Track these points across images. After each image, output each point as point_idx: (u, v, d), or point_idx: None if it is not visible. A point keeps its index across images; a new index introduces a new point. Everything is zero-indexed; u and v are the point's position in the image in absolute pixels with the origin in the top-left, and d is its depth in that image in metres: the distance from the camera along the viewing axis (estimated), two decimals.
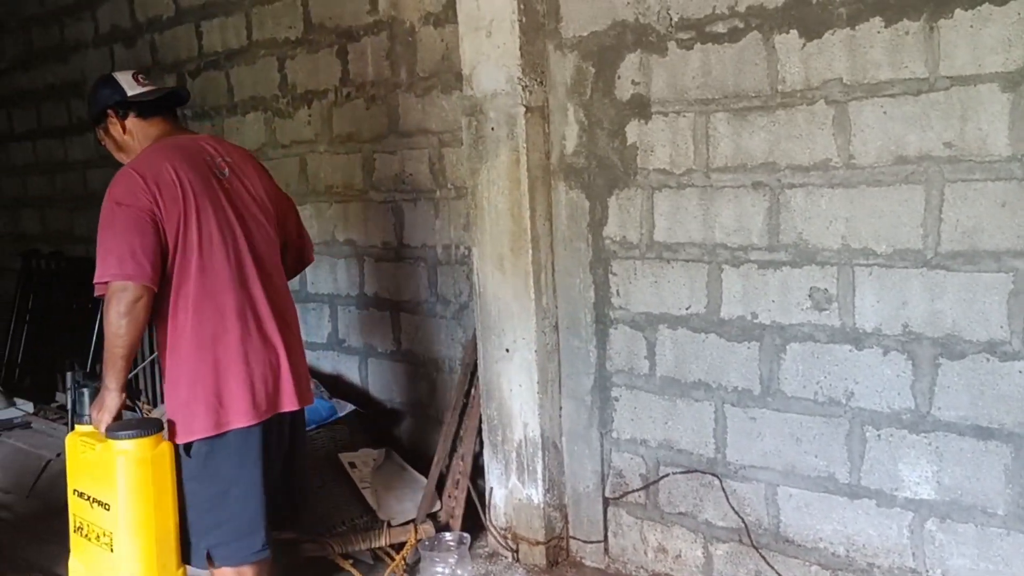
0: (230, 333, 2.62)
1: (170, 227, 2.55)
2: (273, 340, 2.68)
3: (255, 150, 4.59)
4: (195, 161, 2.69)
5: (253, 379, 2.60)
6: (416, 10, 3.77)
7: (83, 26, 5.65)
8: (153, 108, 2.79)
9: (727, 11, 2.86)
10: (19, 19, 6.20)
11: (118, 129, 2.79)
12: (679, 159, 3.05)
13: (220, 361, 2.59)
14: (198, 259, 2.59)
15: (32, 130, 6.35)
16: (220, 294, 2.62)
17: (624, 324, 3.28)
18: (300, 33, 4.27)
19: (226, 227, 2.66)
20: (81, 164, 5.94)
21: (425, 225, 3.91)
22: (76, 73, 5.78)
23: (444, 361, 3.96)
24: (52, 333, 6.09)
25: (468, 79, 3.40)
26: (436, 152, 3.81)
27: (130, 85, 2.79)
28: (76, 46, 5.74)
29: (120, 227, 2.53)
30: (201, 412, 2.55)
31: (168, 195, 2.55)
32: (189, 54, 4.90)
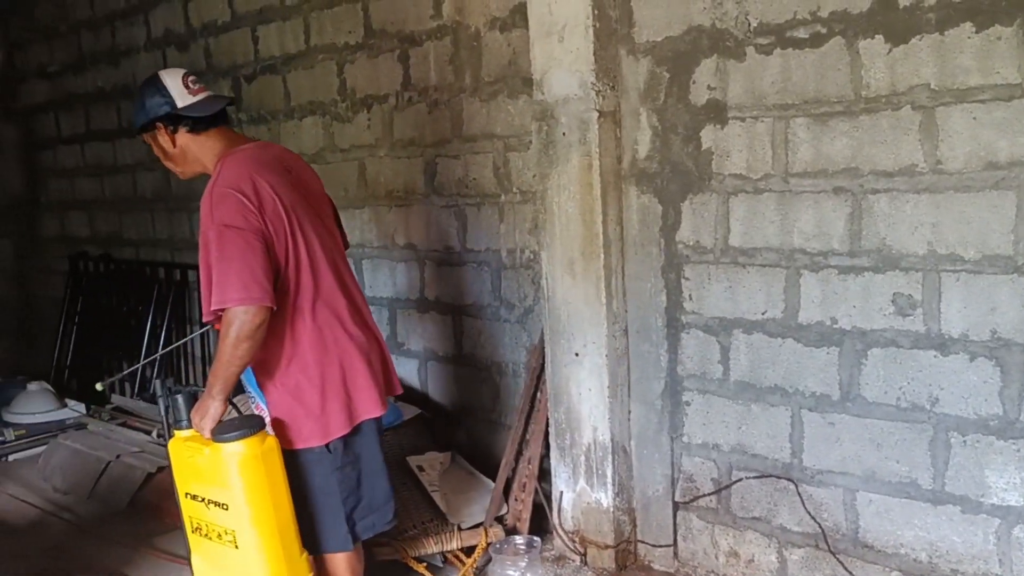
0: (346, 333, 2.72)
1: (279, 242, 2.57)
2: (374, 332, 2.85)
3: (313, 154, 4.64)
4: (278, 170, 2.71)
5: (373, 371, 2.74)
6: (482, 15, 3.78)
7: (135, 30, 5.69)
8: (208, 122, 2.72)
9: (809, 16, 2.86)
10: (69, 23, 6.26)
11: (167, 141, 2.73)
12: (756, 164, 3.05)
13: (344, 360, 2.69)
14: (309, 267, 2.65)
15: (81, 133, 6.40)
16: (331, 297, 2.71)
17: (697, 328, 3.29)
18: (360, 38, 4.29)
19: (319, 232, 2.72)
20: (130, 167, 5.99)
21: (489, 229, 3.92)
22: (127, 77, 5.83)
23: (507, 365, 3.97)
24: (100, 335, 6.15)
25: (539, 84, 3.41)
26: (501, 156, 3.82)
27: (181, 94, 2.69)
28: (127, 50, 5.79)
29: (235, 250, 2.48)
30: (336, 412, 2.66)
31: (271, 211, 2.57)
32: (245, 58, 4.93)
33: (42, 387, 5.67)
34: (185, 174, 2.83)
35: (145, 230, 5.94)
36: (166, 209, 5.74)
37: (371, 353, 2.76)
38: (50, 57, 6.55)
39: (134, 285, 5.92)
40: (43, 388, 5.66)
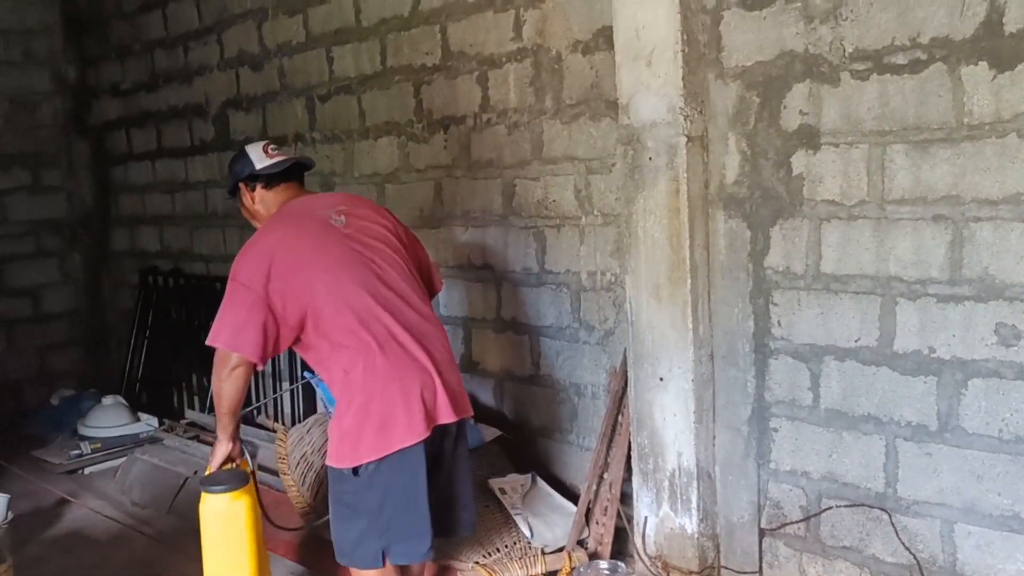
0: (379, 363, 2.82)
1: (293, 296, 2.79)
2: (421, 360, 2.88)
3: (387, 174, 4.69)
4: (309, 219, 2.98)
5: (410, 400, 2.80)
6: (564, 38, 3.79)
7: (208, 50, 5.79)
8: (278, 178, 3.12)
9: (908, 42, 2.83)
10: (143, 42, 6.38)
11: (248, 200, 3.14)
12: (851, 190, 3.02)
13: (376, 390, 2.80)
14: (332, 309, 2.84)
15: (152, 150, 6.52)
16: (360, 331, 2.84)
17: (786, 355, 3.26)
18: (438, 59, 4.32)
19: (353, 269, 2.90)
20: (202, 184, 6.08)
21: (569, 251, 3.93)
22: (199, 95, 5.93)
23: (587, 387, 3.97)
24: (171, 350, 6.25)
25: (624, 108, 3.41)
26: (583, 179, 3.82)
27: (260, 158, 3.11)
28: (200, 69, 5.89)
29: (237, 302, 2.81)
30: (367, 438, 2.79)
31: (286, 266, 2.80)
32: (319, 79, 4.99)
33: (116, 401, 5.78)
34: None
35: (216, 246, 6.03)
36: (237, 226, 5.80)
37: (416, 381, 2.83)
38: (122, 75, 6.68)
39: (205, 300, 6.00)
40: (117, 402, 5.77)
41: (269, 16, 5.25)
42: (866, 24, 2.91)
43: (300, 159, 3.26)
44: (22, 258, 7.00)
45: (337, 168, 4.98)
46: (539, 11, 3.86)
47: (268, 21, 5.27)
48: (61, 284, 7.21)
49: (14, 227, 6.94)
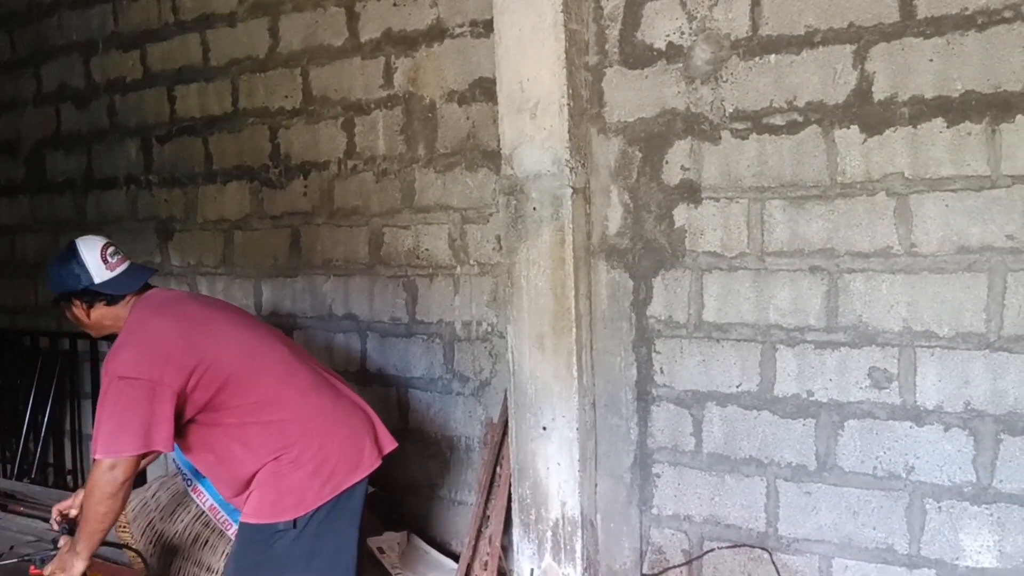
0: (315, 408, 2.71)
1: (202, 369, 2.58)
2: (351, 396, 2.87)
3: (237, 220, 4.46)
4: (181, 301, 2.86)
5: (358, 435, 2.74)
6: (438, 87, 3.77)
7: (22, 83, 5.31)
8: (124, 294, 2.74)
9: (785, 105, 3.03)
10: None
11: (82, 312, 2.74)
12: (731, 243, 3.17)
13: (321, 434, 2.67)
14: (251, 371, 2.67)
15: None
16: (286, 384, 2.71)
17: (668, 402, 3.35)
18: (298, 103, 4.18)
19: (251, 331, 2.80)
20: (10, 228, 5.53)
21: (442, 301, 3.87)
22: (9, 132, 5.41)
23: (460, 439, 3.90)
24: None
25: (508, 159, 3.42)
26: (458, 228, 3.79)
27: (99, 270, 2.68)
28: (10, 103, 5.39)
29: (136, 399, 2.51)
30: (316, 484, 2.62)
31: (182, 346, 2.59)
32: (158, 119, 4.70)
33: None
34: (99, 335, 2.87)
35: (25, 296, 5.48)
36: None
37: (361, 416, 2.81)
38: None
39: (11, 356, 5.42)
40: None
41: (99, 50, 4.90)
42: (745, 86, 3.09)
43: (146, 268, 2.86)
44: None
45: (177, 213, 4.68)
46: (411, 59, 3.83)
47: (97, 55, 4.91)
48: None
49: None
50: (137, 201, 4.85)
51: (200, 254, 4.62)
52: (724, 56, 3.12)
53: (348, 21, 3.98)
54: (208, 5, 4.42)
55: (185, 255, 4.67)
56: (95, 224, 5.05)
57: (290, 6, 4.14)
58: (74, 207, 5.14)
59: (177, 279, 4.68)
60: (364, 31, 3.94)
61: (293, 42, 4.16)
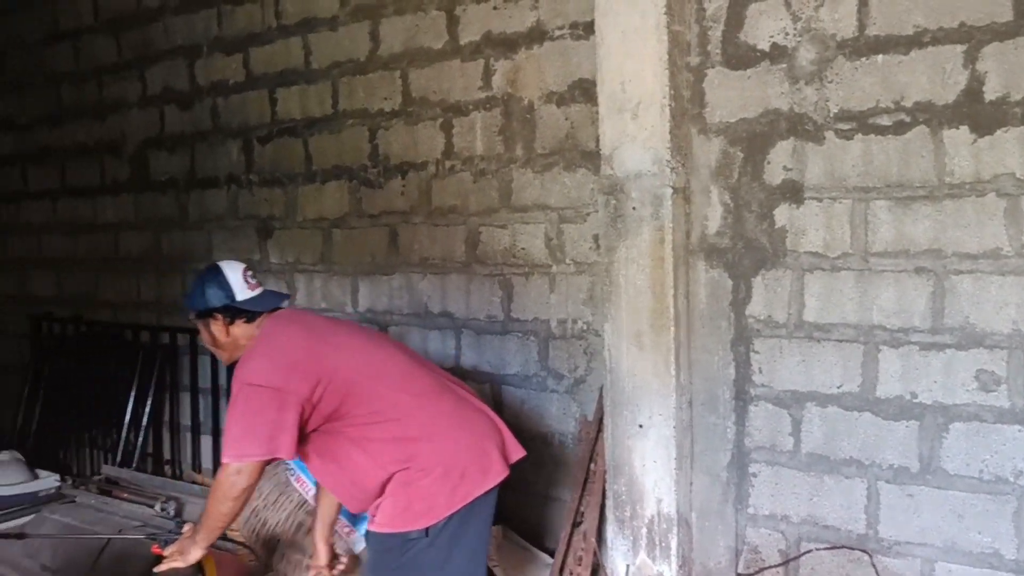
0: (438, 417, 2.74)
1: (326, 379, 2.65)
2: (474, 403, 2.88)
3: (336, 219, 4.58)
4: (306, 315, 3.07)
5: (484, 444, 2.76)
6: (537, 88, 3.84)
7: (127, 85, 5.53)
8: (260, 312, 2.88)
9: (892, 105, 3.02)
10: (48, 75, 6.03)
11: (221, 330, 2.85)
12: (834, 243, 3.17)
13: (446, 442, 2.69)
14: (371, 380, 2.73)
15: (53, 189, 6.12)
16: (408, 393, 2.75)
17: (766, 401, 3.36)
18: (397, 105, 4.28)
19: (374, 341, 2.92)
20: (113, 226, 5.75)
21: (538, 299, 3.93)
22: (115, 132, 5.64)
23: (553, 436, 3.95)
24: (72, 402, 5.82)
25: (608, 159, 3.47)
26: (555, 227, 3.85)
27: (241, 288, 2.85)
28: (116, 105, 5.61)
29: (263, 406, 2.60)
30: (445, 492, 2.64)
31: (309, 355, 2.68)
32: (260, 120, 4.85)
33: (13, 456, 5.29)
34: (230, 359, 2.93)
35: (126, 291, 5.70)
36: (155, 271, 5.53)
37: (486, 422, 2.82)
38: (21, 109, 6.28)
39: (113, 349, 5.64)
40: (14, 457, 5.29)
41: (203, 53, 5.08)
42: (851, 87, 3.09)
43: (284, 295, 3.07)
44: None
45: (277, 212, 4.83)
46: (511, 62, 3.90)
47: (201, 59, 5.09)
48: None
49: None
50: (238, 200, 5.01)
51: (299, 252, 4.75)
52: (829, 56, 3.13)
53: (448, 24, 4.07)
54: (310, 10, 4.56)
55: (284, 253, 4.81)
56: (197, 222, 5.25)
57: (391, 10, 4.25)
58: (176, 205, 5.34)
59: (276, 276, 4.82)
60: (464, 34, 4.03)
61: (393, 45, 4.26)
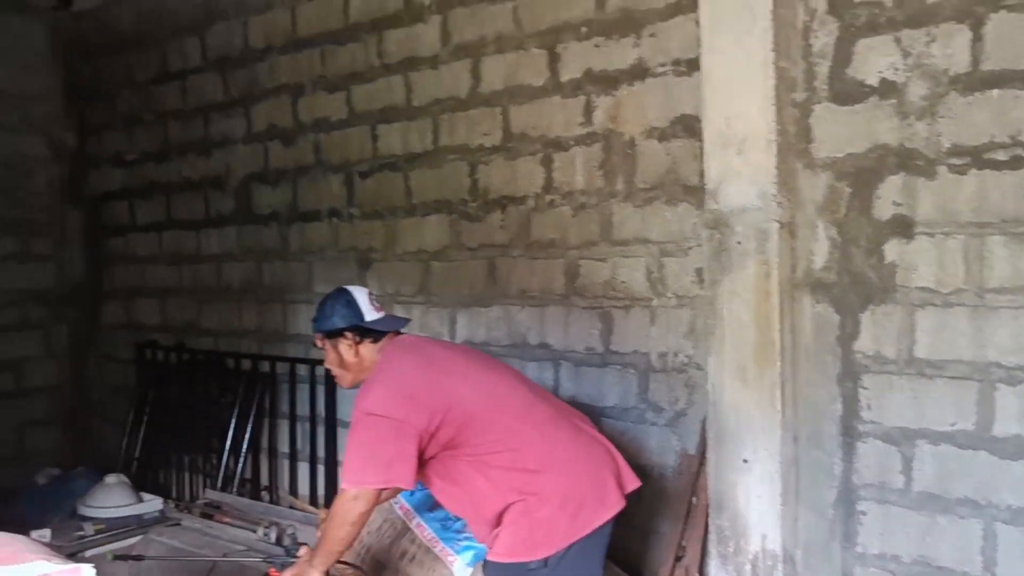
0: (555, 446, 2.80)
1: (442, 409, 2.74)
2: (590, 432, 2.95)
3: (435, 252, 4.67)
4: (425, 343, 3.16)
5: (601, 473, 2.81)
6: (639, 124, 3.89)
7: (233, 122, 5.74)
8: (385, 333, 3.03)
9: (1008, 140, 2.99)
10: (156, 112, 6.30)
11: (350, 350, 2.98)
12: (946, 279, 3.14)
13: (563, 472, 2.75)
14: (488, 410, 2.81)
15: (159, 221, 6.38)
16: (525, 422, 2.83)
17: (875, 438, 3.32)
18: (498, 140, 4.38)
19: (491, 370, 2.98)
20: (216, 256, 5.96)
21: (638, 332, 3.95)
22: (220, 167, 5.86)
23: (653, 469, 3.95)
24: (174, 427, 6.02)
25: (712, 193, 3.50)
26: (655, 261, 3.88)
27: (369, 310, 3.01)
28: (222, 142, 5.83)
29: (381, 435, 2.70)
30: (564, 522, 2.70)
31: (426, 384, 2.79)
32: (361, 155, 5.00)
33: (120, 480, 5.50)
34: (352, 383, 3.05)
35: (229, 320, 5.89)
36: (256, 300, 5.71)
37: (602, 452, 2.87)
38: (129, 144, 6.57)
39: (214, 377, 5.83)
40: (121, 481, 5.50)
41: (306, 92, 5.26)
42: (963, 122, 3.07)
43: (405, 319, 3.25)
44: (6, 329, 6.70)
45: (377, 244, 4.96)
46: (612, 98, 3.96)
47: (305, 96, 5.28)
48: (44, 358, 6.92)
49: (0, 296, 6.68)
50: (338, 232, 5.16)
51: (398, 283, 4.87)
52: (941, 92, 3.11)
53: (549, 62, 4.15)
54: (412, 49, 4.69)
55: (383, 284, 4.93)
56: (298, 253, 5.41)
57: (492, 48, 4.35)
58: (279, 237, 5.51)
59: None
60: (565, 71, 4.11)
61: (494, 82, 4.36)
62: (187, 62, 6.04)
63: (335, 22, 5.07)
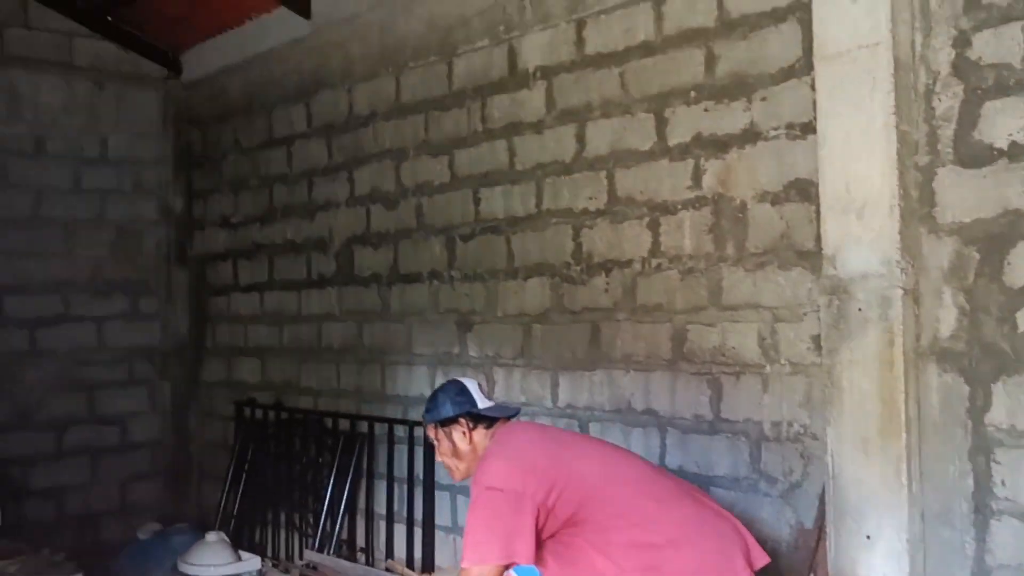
0: (682, 523, 2.78)
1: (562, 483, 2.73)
2: (713, 506, 2.93)
3: (537, 315, 4.68)
4: (539, 426, 3.25)
5: (731, 551, 2.76)
6: (750, 188, 3.84)
7: (336, 186, 5.89)
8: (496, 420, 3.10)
9: None
10: (261, 177, 6.50)
11: (464, 438, 3.04)
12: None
13: (690, 549, 2.72)
14: (609, 486, 2.79)
15: (261, 282, 6.53)
16: (646, 499, 2.79)
17: (1011, 516, 3.14)
18: (602, 204, 4.37)
19: (608, 448, 3.06)
20: (317, 317, 6.07)
21: (750, 399, 3.86)
22: (323, 230, 5.99)
23: (765, 543, 3.77)
24: (272, 485, 6.08)
25: (831, 259, 3.41)
26: (768, 327, 3.80)
27: (480, 398, 3.11)
28: (325, 205, 5.97)
29: (500, 510, 2.69)
30: None
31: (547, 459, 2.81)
32: (463, 219, 5.05)
33: (220, 537, 5.55)
34: (465, 474, 3.07)
35: (328, 380, 5.96)
36: (356, 360, 5.77)
37: (728, 528, 2.82)
38: (235, 208, 6.78)
39: (312, 436, 5.88)
40: (220, 539, 5.55)
41: (409, 156, 5.36)
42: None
43: (516, 408, 3.34)
44: (114, 385, 6.94)
45: (477, 307, 4.98)
46: (722, 162, 3.93)
47: (407, 161, 5.38)
48: (149, 413, 7.13)
49: (109, 353, 6.93)
50: (439, 294, 5.20)
51: (498, 346, 4.86)
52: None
53: (656, 126, 4.15)
54: (516, 115, 4.75)
55: (483, 346, 4.93)
56: (398, 314, 5.47)
57: (598, 113, 4.38)
58: (379, 299, 5.58)
59: (475, 369, 4.94)
60: (672, 135, 4.10)
61: (599, 146, 4.38)
62: (293, 128, 6.24)
63: (439, 89, 5.18)
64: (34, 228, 6.63)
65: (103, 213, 6.92)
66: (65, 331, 6.73)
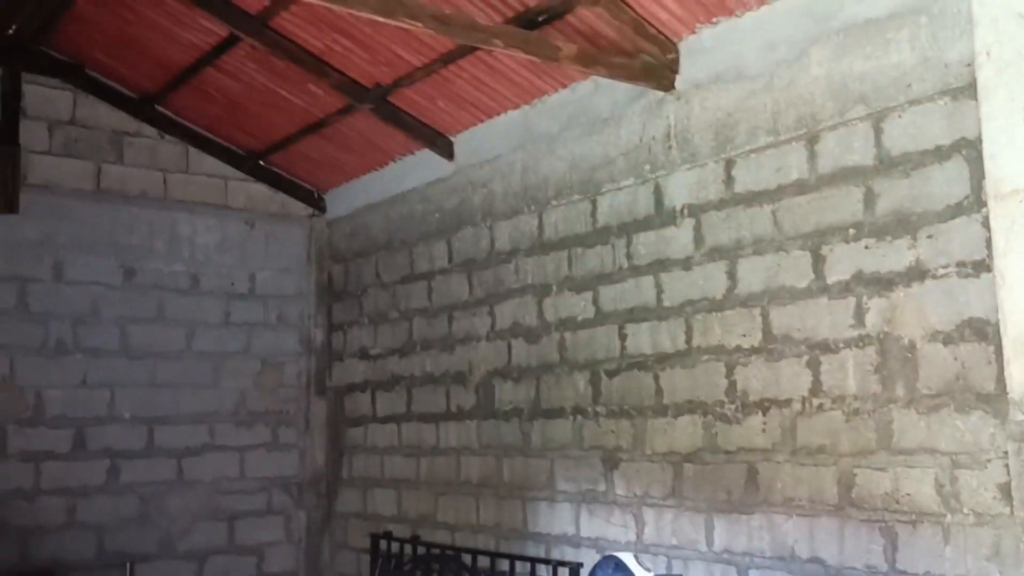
0: None
1: None
2: None
3: (687, 454, 4.55)
4: None
5: None
6: (919, 327, 3.72)
7: (476, 320, 5.98)
8: None
9: None
10: (402, 311, 6.67)
11: None
12: None
13: None
14: None
15: (400, 414, 6.61)
16: None
17: None
18: (757, 342, 4.30)
19: None
20: (455, 450, 6.07)
21: (929, 551, 3.63)
22: (462, 364, 6.06)
23: None
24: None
25: (1018, 403, 3.22)
26: (946, 473, 3.60)
27: (638, 570, 3.39)
28: (465, 339, 6.06)
29: None
30: None
31: None
32: (608, 354, 5.03)
33: None
34: None
35: (465, 514, 5.92)
36: (495, 495, 5.72)
37: None
38: (374, 340, 6.95)
39: (450, 572, 5.80)
40: None
41: (552, 291, 5.42)
42: None
43: None
44: (252, 515, 7.05)
45: (624, 444, 4.90)
46: (886, 300, 3.83)
47: (550, 296, 5.43)
48: (284, 543, 7.18)
49: (249, 483, 7.07)
50: (583, 430, 5.15)
51: (647, 485, 4.75)
52: None
53: (813, 263, 4.10)
54: (663, 251, 4.77)
55: (631, 485, 4.83)
56: (539, 450, 5.42)
57: (750, 251, 4.36)
58: (519, 433, 5.56)
59: (622, 508, 4.82)
60: (831, 273, 4.03)
61: (752, 283, 4.34)
62: (433, 264, 6.41)
63: (582, 227, 5.27)
64: (185, 361, 6.92)
65: (249, 346, 7.20)
66: (210, 461, 6.92)
